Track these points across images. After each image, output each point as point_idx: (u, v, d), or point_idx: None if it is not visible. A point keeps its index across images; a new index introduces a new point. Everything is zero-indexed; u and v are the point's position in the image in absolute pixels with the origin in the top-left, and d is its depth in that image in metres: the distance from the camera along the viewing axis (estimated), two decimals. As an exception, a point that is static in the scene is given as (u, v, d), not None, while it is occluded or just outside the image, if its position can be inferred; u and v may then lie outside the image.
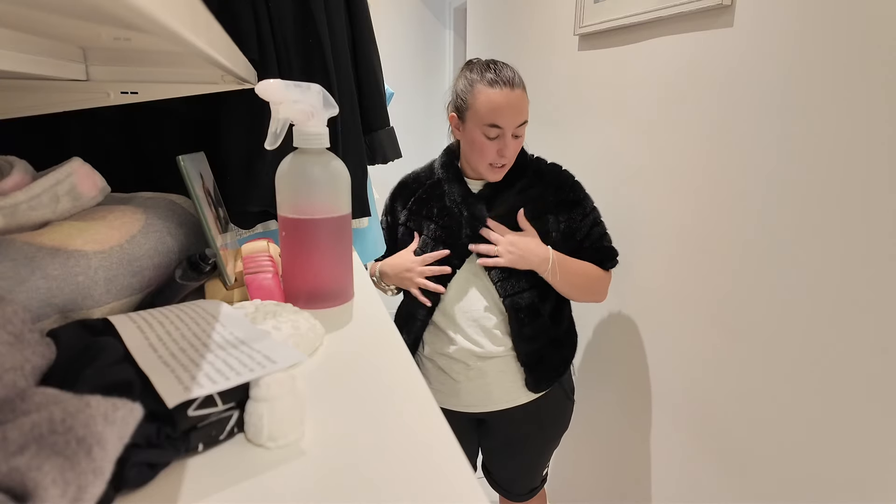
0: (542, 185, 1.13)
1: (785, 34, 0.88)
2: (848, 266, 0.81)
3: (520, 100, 1.06)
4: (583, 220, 1.13)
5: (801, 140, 0.87)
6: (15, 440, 0.21)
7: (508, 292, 1.09)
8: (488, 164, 1.08)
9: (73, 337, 0.35)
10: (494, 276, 1.10)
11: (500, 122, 1.05)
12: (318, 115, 0.51)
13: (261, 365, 0.33)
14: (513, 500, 1.31)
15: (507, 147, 1.06)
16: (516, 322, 1.10)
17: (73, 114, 0.58)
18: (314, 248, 0.54)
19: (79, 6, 0.31)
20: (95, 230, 0.43)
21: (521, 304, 1.10)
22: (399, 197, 1.22)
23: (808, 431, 0.88)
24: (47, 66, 0.45)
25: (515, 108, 1.05)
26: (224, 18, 0.59)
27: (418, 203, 1.17)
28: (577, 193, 1.14)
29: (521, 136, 1.08)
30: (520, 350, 1.12)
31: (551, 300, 1.14)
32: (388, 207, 1.25)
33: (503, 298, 1.10)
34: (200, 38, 0.30)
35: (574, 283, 1.11)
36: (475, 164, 1.11)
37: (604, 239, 1.16)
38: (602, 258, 1.14)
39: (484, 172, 1.10)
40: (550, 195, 1.12)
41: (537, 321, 1.11)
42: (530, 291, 1.10)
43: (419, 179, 1.20)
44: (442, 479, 0.32)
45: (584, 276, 1.12)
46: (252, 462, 0.32)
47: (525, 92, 1.08)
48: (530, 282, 1.10)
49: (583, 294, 1.14)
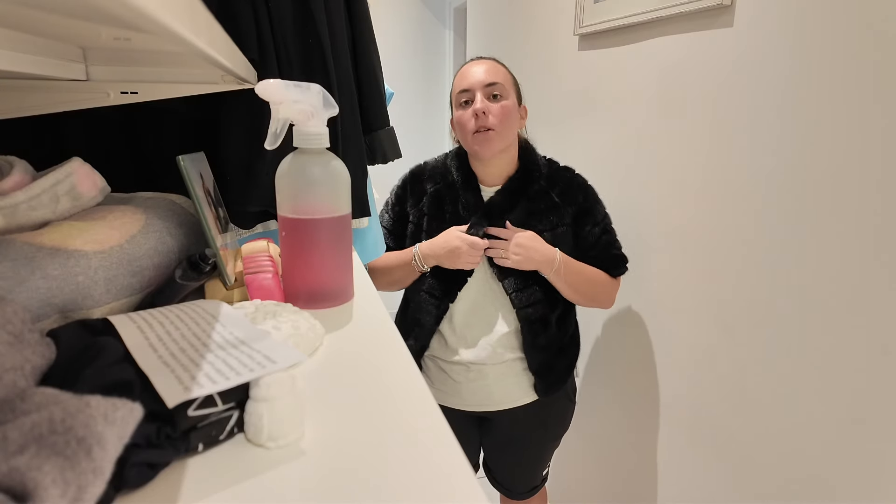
0: (555, 193, 1.10)
1: (785, 34, 0.88)
2: (848, 265, 0.81)
3: (488, 65, 1.07)
4: (592, 228, 1.11)
5: (801, 139, 0.87)
6: (15, 440, 0.21)
7: (523, 304, 1.08)
8: (472, 135, 1.05)
9: (73, 337, 0.35)
10: (508, 287, 1.08)
11: (466, 86, 1.06)
12: (318, 115, 0.51)
13: (261, 365, 0.33)
14: (513, 498, 1.31)
15: (481, 105, 1.03)
16: (529, 334, 1.09)
17: (73, 114, 0.58)
18: (314, 248, 0.54)
19: (79, 6, 0.31)
20: (95, 230, 0.43)
21: (534, 317, 1.09)
22: (412, 192, 1.17)
23: (810, 432, 0.88)
24: (47, 66, 0.45)
25: (481, 70, 1.06)
26: (224, 18, 0.59)
27: (432, 205, 1.14)
28: (588, 201, 1.12)
29: (500, 98, 1.05)
30: (531, 359, 1.11)
31: (562, 310, 1.14)
32: (398, 197, 1.19)
33: (517, 310, 1.09)
34: (200, 38, 0.30)
35: (579, 288, 1.09)
36: (465, 145, 1.10)
37: (612, 247, 1.14)
38: (609, 266, 1.13)
39: (471, 146, 1.07)
40: (562, 203, 1.10)
41: (548, 331, 1.10)
42: (543, 304, 1.09)
43: (433, 177, 1.16)
44: (442, 479, 0.31)
45: (590, 282, 1.10)
46: (252, 462, 0.32)
47: (502, 66, 1.09)
48: (543, 291, 1.08)
49: (588, 300, 1.13)
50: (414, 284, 1.16)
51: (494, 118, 1.04)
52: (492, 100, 1.05)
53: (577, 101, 1.55)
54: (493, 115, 1.04)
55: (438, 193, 1.14)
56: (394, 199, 1.20)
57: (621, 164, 1.34)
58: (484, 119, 1.03)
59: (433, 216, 1.13)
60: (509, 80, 1.09)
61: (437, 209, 1.13)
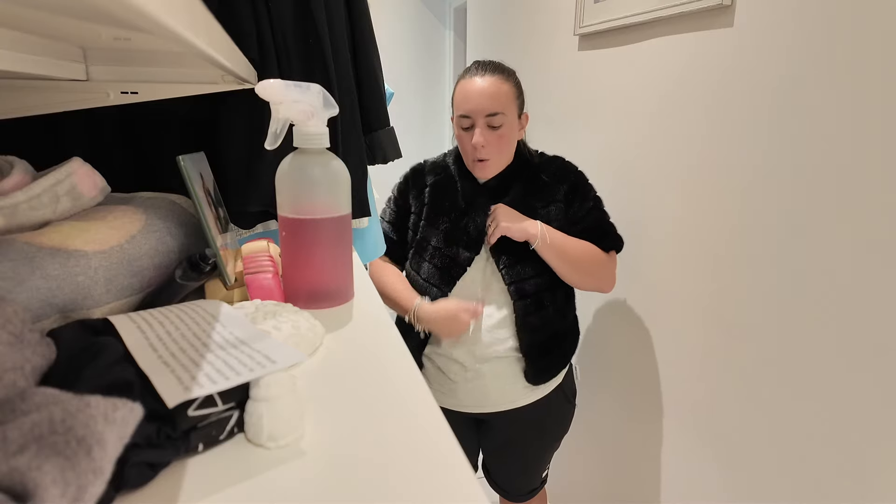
0: (546, 175, 1.13)
1: (784, 34, 0.88)
2: (848, 265, 0.81)
3: (492, 86, 1.04)
4: (583, 203, 1.12)
5: (800, 139, 0.87)
6: (15, 440, 0.21)
7: (514, 279, 1.08)
8: (471, 161, 1.09)
9: (73, 337, 0.35)
10: (501, 263, 1.09)
11: (467, 111, 1.05)
12: (318, 115, 0.51)
13: (261, 365, 0.33)
14: (512, 500, 1.31)
15: (480, 139, 1.04)
16: (522, 310, 1.09)
17: (73, 114, 0.58)
18: (314, 248, 0.54)
19: (79, 6, 0.31)
20: (95, 230, 0.43)
21: (528, 291, 1.09)
22: (414, 184, 1.20)
23: (810, 431, 0.88)
24: (47, 66, 0.45)
25: (484, 94, 1.03)
26: (224, 18, 0.59)
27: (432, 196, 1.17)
28: (578, 180, 1.14)
29: (500, 128, 1.05)
30: (523, 340, 1.10)
31: (559, 293, 1.13)
32: (401, 191, 1.22)
33: (509, 285, 1.09)
34: (200, 38, 0.30)
35: (571, 260, 1.08)
36: (465, 162, 1.12)
37: (602, 220, 1.14)
38: (598, 236, 1.12)
39: (470, 168, 1.11)
40: (553, 182, 1.12)
41: (542, 311, 1.10)
42: (536, 279, 1.09)
43: (434, 171, 1.20)
44: (442, 479, 0.32)
45: (581, 254, 1.09)
46: (252, 462, 0.32)
47: (506, 82, 1.06)
48: (536, 269, 1.09)
49: (584, 276, 1.11)
50: (413, 273, 1.17)
51: (492, 149, 1.07)
52: (491, 130, 1.06)
53: (577, 101, 1.55)
54: (491, 146, 1.07)
55: (438, 185, 1.17)
56: (396, 192, 1.23)
57: (621, 164, 1.34)
58: (482, 152, 1.07)
59: (433, 206, 1.16)
60: (511, 98, 1.07)
61: (438, 199, 1.16)
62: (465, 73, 1.10)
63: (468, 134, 1.07)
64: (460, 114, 1.07)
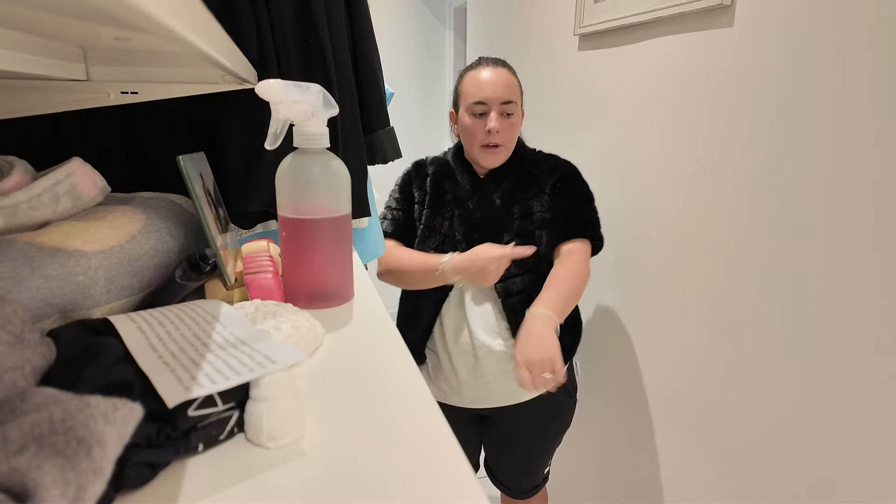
0: (538, 170, 1.15)
1: (784, 34, 0.88)
2: (847, 264, 0.81)
3: (504, 76, 1.09)
4: (566, 194, 1.13)
5: (799, 139, 0.87)
6: (15, 440, 0.21)
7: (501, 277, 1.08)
8: (480, 147, 1.10)
9: (73, 337, 0.35)
10: None
11: (483, 98, 1.08)
12: (318, 115, 0.51)
13: (261, 365, 0.33)
14: (514, 497, 1.31)
15: (496, 124, 1.07)
16: (510, 309, 1.10)
17: (73, 114, 0.58)
18: (314, 248, 0.54)
19: (79, 6, 0.31)
20: (95, 230, 0.43)
21: (514, 290, 1.10)
22: (416, 176, 1.23)
23: (809, 431, 0.88)
24: (47, 66, 0.45)
25: (498, 83, 1.08)
26: (224, 18, 0.59)
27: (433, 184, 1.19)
28: (567, 174, 1.16)
29: (512, 116, 1.10)
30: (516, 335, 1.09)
31: None
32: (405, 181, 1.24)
33: (497, 283, 1.09)
34: (200, 38, 0.30)
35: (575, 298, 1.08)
36: (469, 151, 1.13)
37: (579, 211, 1.14)
38: (575, 227, 1.12)
39: (478, 157, 1.13)
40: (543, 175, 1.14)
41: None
42: (522, 277, 1.10)
43: (434, 164, 1.23)
44: (442, 478, 0.32)
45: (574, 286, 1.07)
46: (252, 462, 0.32)
47: (514, 76, 1.11)
48: (522, 268, 1.10)
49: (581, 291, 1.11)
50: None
51: (504, 135, 1.10)
52: (505, 117, 1.09)
53: (577, 101, 1.55)
54: (504, 133, 1.10)
55: (438, 176, 1.20)
56: (401, 182, 1.26)
57: (621, 164, 1.34)
58: (496, 137, 1.09)
59: (435, 194, 1.18)
60: (518, 91, 1.13)
61: (439, 188, 1.19)
62: (474, 66, 1.13)
63: (481, 121, 1.09)
64: (474, 101, 1.09)
